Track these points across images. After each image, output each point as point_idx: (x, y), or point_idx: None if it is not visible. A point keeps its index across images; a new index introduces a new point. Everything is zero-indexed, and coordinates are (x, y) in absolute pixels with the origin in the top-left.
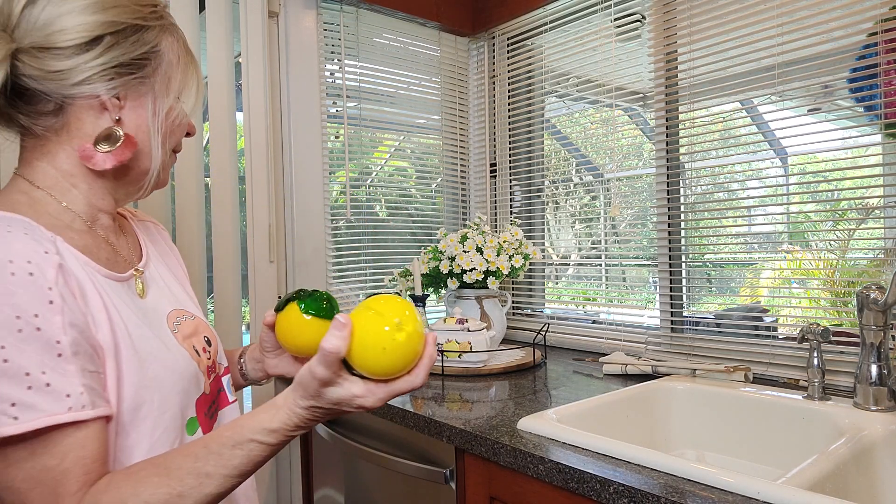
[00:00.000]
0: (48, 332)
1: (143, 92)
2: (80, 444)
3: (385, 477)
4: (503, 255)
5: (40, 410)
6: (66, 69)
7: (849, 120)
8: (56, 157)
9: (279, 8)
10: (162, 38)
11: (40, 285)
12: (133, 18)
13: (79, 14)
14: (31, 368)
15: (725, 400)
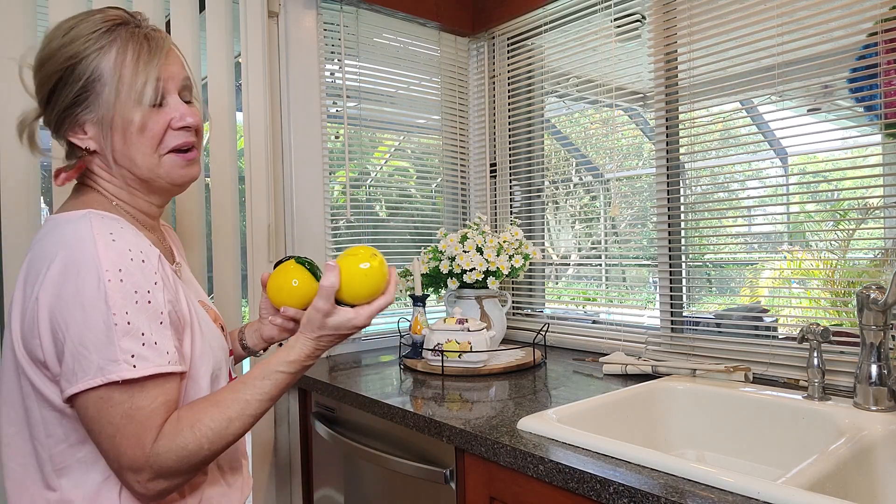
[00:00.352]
0: (156, 304)
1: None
2: (167, 391)
3: (385, 477)
4: (503, 255)
5: (150, 361)
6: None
7: (849, 120)
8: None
9: (279, 8)
10: (101, 61)
11: (150, 269)
12: (66, 59)
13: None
14: (146, 329)
15: (725, 400)
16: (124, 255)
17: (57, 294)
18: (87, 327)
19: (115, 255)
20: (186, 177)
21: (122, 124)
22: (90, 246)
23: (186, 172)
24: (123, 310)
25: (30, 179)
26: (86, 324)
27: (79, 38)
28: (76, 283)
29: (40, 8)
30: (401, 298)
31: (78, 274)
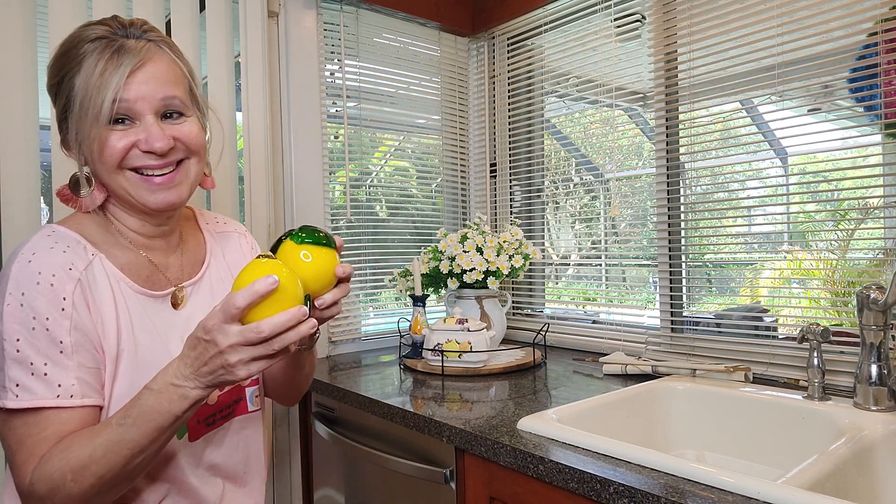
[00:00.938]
0: (56, 332)
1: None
2: (61, 422)
3: (385, 477)
4: (503, 255)
5: (34, 394)
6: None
7: (849, 120)
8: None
9: (279, 8)
10: (76, 77)
11: (57, 294)
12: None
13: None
14: (35, 360)
15: (725, 400)
16: (32, 277)
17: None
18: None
19: (24, 276)
20: (160, 202)
21: (88, 143)
22: (9, 268)
23: (158, 198)
24: (15, 336)
25: (30, 179)
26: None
27: (68, 50)
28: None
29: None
30: (401, 298)
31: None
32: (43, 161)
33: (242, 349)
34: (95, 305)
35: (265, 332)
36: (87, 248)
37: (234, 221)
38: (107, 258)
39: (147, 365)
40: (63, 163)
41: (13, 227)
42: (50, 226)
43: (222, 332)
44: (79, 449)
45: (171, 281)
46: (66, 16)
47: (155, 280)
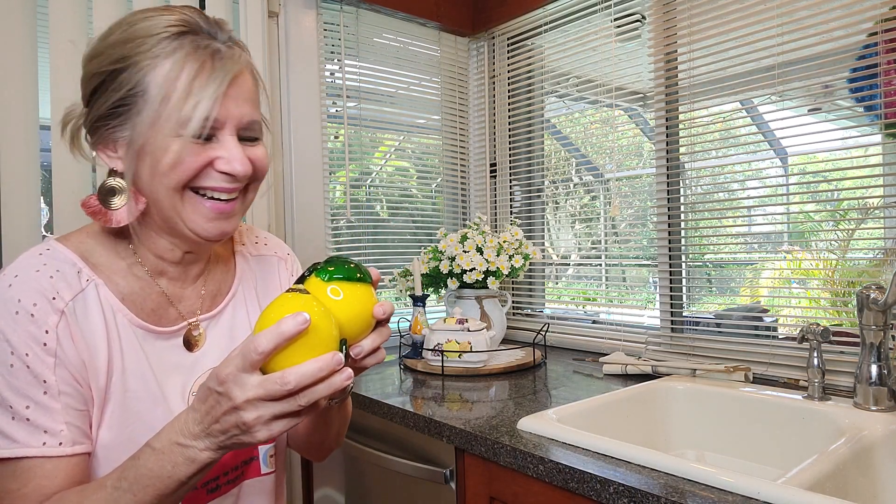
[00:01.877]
0: (37, 370)
1: (126, 137)
2: (45, 475)
3: (385, 477)
4: (503, 255)
5: (15, 441)
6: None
7: (849, 120)
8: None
9: (279, 8)
10: (151, 72)
11: (39, 326)
12: (110, 63)
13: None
14: (15, 402)
15: (725, 400)
16: (10, 305)
17: None
18: None
19: (0, 304)
20: (212, 232)
21: (153, 152)
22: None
23: (211, 227)
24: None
25: (30, 179)
26: None
27: (134, 38)
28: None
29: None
30: (401, 298)
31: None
32: (43, 161)
33: (263, 405)
34: (84, 341)
35: (291, 384)
36: (81, 273)
37: (277, 241)
38: (106, 285)
39: (135, 416)
40: (64, 166)
41: (13, 227)
42: (46, 242)
43: (239, 384)
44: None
45: (184, 315)
46: (66, 16)
47: (162, 314)
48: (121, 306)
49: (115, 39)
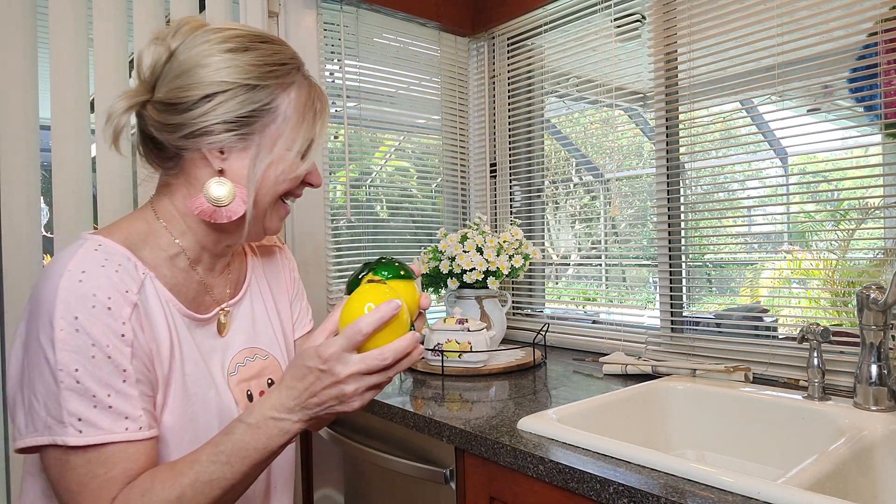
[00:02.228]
0: (117, 360)
1: (247, 146)
2: (130, 458)
3: (385, 477)
4: (503, 255)
5: (100, 428)
6: (177, 123)
7: (849, 120)
8: (175, 196)
9: (279, 8)
10: (279, 97)
11: (116, 318)
12: (245, 78)
13: (193, 74)
14: (98, 391)
15: (725, 400)
16: (86, 300)
17: (24, 338)
18: (40, 378)
19: (74, 299)
20: (278, 230)
21: (275, 163)
22: (52, 285)
23: (279, 226)
24: (72, 366)
25: (30, 179)
26: (40, 374)
27: (269, 64)
28: (36, 326)
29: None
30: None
31: (38, 318)
32: (43, 161)
33: (362, 378)
34: (150, 330)
35: (389, 359)
36: (137, 267)
37: (272, 238)
38: (156, 277)
39: (193, 398)
40: (64, 166)
41: (13, 227)
42: (93, 237)
43: (342, 361)
44: (163, 491)
45: (217, 301)
46: (66, 16)
47: (200, 301)
48: (170, 296)
49: (249, 60)
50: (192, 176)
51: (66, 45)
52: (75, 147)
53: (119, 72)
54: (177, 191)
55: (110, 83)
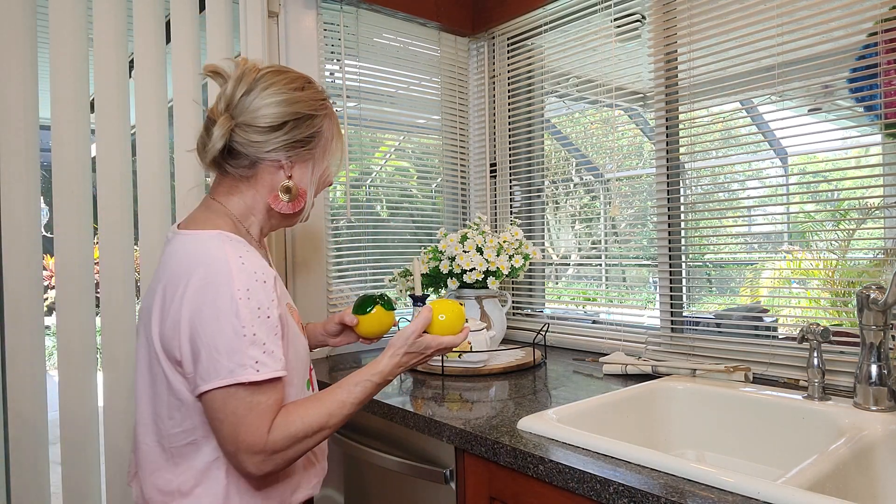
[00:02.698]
0: (273, 319)
1: (307, 159)
2: (279, 391)
3: (385, 477)
4: (503, 255)
5: (269, 367)
6: (261, 141)
7: (849, 120)
8: (245, 195)
9: (279, 8)
10: (324, 123)
11: (269, 289)
12: (307, 110)
13: (274, 106)
14: (266, 341)
15: (725, 400)
16: (252, 276)
17: (197, 307)
18: (221, 336)
19: (245, 276)
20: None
21: (319, 171)
22: (225, 266)
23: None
24: (251, 324)
25: (30, 179)
26: (220, 333)
27: (317, 97)
28: (214, 299)
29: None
30: (401, 298)
31: (217, 291)
32: (43, 161)
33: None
34: (281, 294)
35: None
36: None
37: None
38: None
39: (297, 342)
40: (64, 166)
41: (13, 227)
42: (221, 232)
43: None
44: (315, 411)
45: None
46: (66, 16)
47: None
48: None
49: (309, 94)
50: (263, 180)
51: (66, 45)
52: (75, 147)
53: (119, 72)
54: (246, 191)
55: (110, 83)
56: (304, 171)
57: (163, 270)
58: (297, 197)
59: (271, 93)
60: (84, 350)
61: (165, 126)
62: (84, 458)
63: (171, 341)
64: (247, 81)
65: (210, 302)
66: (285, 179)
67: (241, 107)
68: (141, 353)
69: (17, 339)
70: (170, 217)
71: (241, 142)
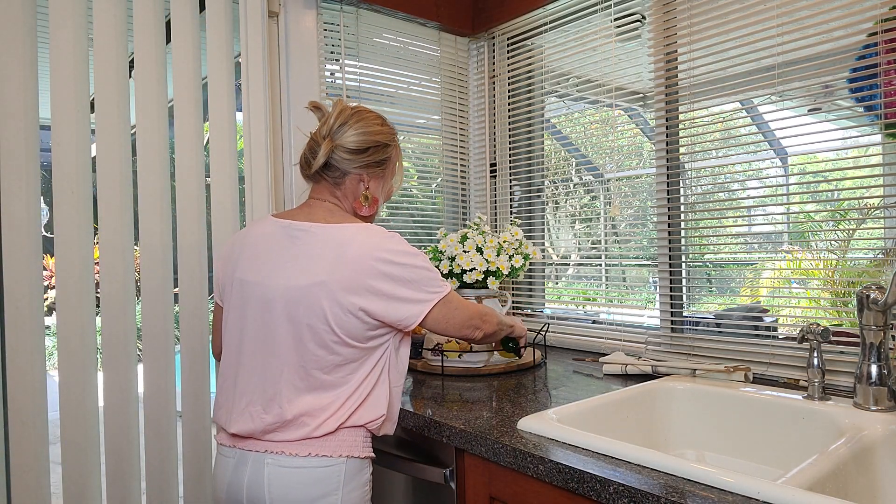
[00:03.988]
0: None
1: (380, 176)
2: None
3: (385, 477)
4: (503, 255)
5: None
6: (350, 159)
7: (849, 120)
8: (340, 200)
9: (279, 8)
10: (394, 151)
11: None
12: (385, 140)
13: (360, 136)
14: (437, 271)
15: (725, 400)
16: (403, 242)
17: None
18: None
19: (403, 244)
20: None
21: (387, 186)
22: (392, 237)
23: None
24: (430, 266)
25: (30, 179)
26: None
27: (391, 132)
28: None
29: (41, 8)
30: None
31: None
32: (43, 161)
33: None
34: None
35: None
36: None
37: None
38: None
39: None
40: (64, 166)
41: (13, 227)
42: (367, 223)
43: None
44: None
45: None
46: (66, 16)
47: None
48: None
49: (386, 129)
50: (350, 188)
51: (66, 45)
52: (75, 147)
53: (119, 72)
54: (341, 196)
55: (110, 83)
56: (378, 185)
57: (341, 251)
58: (372, 203)
59: (360, 126)
60: (84, 350)
61: (165, 126)
62: (84, 458)
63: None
64: (343, 116)
65: (396, 267)
66: (364, 189)
67: (338, 134)
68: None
69: (17, 339)
70: (170, 217)
71: (337, 159)
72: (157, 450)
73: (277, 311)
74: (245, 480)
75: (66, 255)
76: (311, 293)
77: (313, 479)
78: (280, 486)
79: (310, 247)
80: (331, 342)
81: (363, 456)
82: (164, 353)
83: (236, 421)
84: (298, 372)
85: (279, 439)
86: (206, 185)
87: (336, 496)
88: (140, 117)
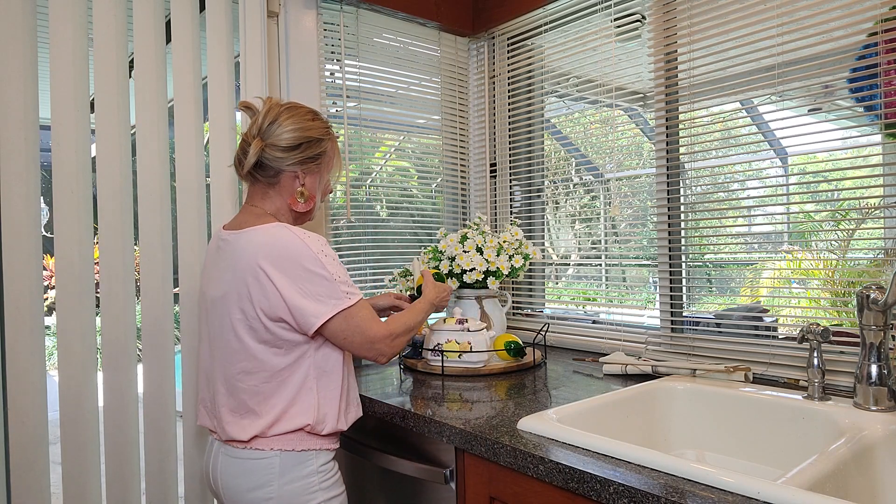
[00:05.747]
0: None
1: (315, 171)
2: (369, 308)
3: (385, 477)
4: (503, 255)
5: (356, 294)
6: (282, 157)
7: (849, 120)
8: (274, 199)
9: (279, 8)
10: (328, 145)
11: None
12: (317, 135)
13: (291, 132)
14: (347, 280)
15: (725, 400)
16: (318, 242)
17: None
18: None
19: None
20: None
21: (325, 184)
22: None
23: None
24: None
25: (30, 179)
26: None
27: (323, 126)
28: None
29: (41, 8)
30: None
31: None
32: (43, 161)
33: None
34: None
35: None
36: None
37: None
38: None
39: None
40: (64, 166)
41: (13, 227)
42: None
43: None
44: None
45: None
46: (66, 16)
47: None
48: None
49: (318, 124)
50: (285, 186)
51: (66, 45)
52: (75, 147)
53: (119, 72)
54: (275, 196)
55: (110, 83)
56: (314, 180)
57: (237, 260)
58: (308, 199)
59: (290, 122)
60: (84, 350)
61: (165, 126)
62: (84, 458)
63: (276, 309)
64: (272, 114)
65: (297, 268)
66: (300, 186)
67: (267, 133)
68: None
69: (17, 339)
70: (170, 217)
71: (269, 157)
72: (157, 450)
73: (211, 321)
74: (211, 466)
75: (66, 255)
76: (223, 304)
77: (248, 469)
78: (226, 475)
79: (226, 257)
80: (246, 352)
81: (300, 449)
82: (164, 353)
83: (201, 415)
84: (228, 388)
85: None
86: (206, 185)
87: (272, 487)
88: (140, 117)
